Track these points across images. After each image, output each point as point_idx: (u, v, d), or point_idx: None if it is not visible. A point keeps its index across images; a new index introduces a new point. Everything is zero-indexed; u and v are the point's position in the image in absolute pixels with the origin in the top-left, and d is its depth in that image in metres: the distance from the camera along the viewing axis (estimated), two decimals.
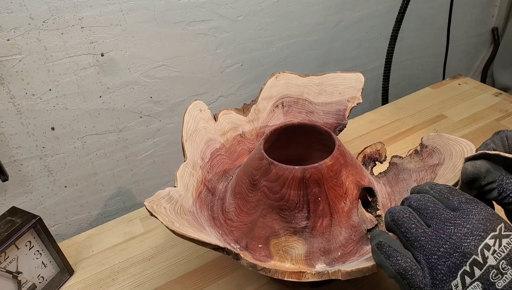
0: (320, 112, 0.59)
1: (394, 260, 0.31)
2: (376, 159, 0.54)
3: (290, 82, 0.61)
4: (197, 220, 0.46)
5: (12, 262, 0.47)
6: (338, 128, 0.56)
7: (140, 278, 0.52)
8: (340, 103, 0.57)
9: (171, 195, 0.46)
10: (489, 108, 0.77)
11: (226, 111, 0.58)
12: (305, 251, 0.43)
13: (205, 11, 0.74)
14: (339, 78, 0.59)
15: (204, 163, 0.53)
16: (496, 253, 0.29)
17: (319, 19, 0.88)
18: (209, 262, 0.53)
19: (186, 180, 0.49)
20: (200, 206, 0.49)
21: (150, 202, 0.42)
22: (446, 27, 0.99)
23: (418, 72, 1.16)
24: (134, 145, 0.79)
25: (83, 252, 0.57)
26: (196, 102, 0.56)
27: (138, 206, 0.83)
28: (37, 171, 0.71)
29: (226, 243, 0.45)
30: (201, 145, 0.54)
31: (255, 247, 0.44)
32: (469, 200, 0.32)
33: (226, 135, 0.57)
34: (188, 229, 0.40)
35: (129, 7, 0.67)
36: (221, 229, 0.47)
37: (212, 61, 0.80)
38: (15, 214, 0.49)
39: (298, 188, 0.42)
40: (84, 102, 0.70)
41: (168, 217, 0.41)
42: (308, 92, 0.60)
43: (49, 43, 0.63)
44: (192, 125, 0.54)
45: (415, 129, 0.74)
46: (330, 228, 0.43)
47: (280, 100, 0.61)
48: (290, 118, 0.60)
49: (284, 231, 0.43)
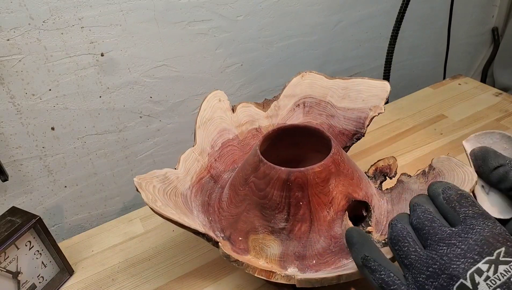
0: (341, 117, 0.57)
1: (377, 274, 0.31)
2: (386, 174, 0.52)
3: (315, 82, 0.60)
4: (187, 204, 0.47)
5: (12, 262, 0.47)
6: (356, 136, 0.54)
7: (140, 278, 0.52)
8: (362, 110, 0.55)
9: (167, 176, 0.47)
10: (489, 108, 0.77)
11: (246, 104, 0.58)
12: (280, 252, 0.43)
13: (205, 11, 0.74)
14: (365, 84, 0.57)
15: (213, 151, 0.53)
16: (490, 280, 0.26)
17: (319, 19, 0.88)
18: (209, 262, 0.53)
19: (189, 165, 0.50)
20: (196, 191, 0.49)
21: (140, 178, 0.43)
22: (446, 27, 0.99)
23: (418, 72, 1.16)
24: (134, 145, 0.79)
25: (83, 252, 0.57)
26: (216, 92, 0.57)
27: (138, 206, 0.83)
28: (37, 171, 0.71)
29: (212, 230, 0.46)
30: (214, 133, 0.54)
31: (236, 239, 0.45)
32: (476, 215, 0.30)
33: (242, 128, 0.57)
34: (170, 210, 0.42)
35: (129, 7, 0.67)
36: (211, 216, 0.48)
37: (212, 61, 0.80)
38: (15, 214, 0.49)
39: (281, 189, 0.42)
40: (84, 102, 0.70)
41: (152, 196, 0.42)
42: (331, 95, 0.58)
43: (49, 43, 0.63)
44: (208, 114, 0.55)
45: (415, 129, 0.74)
46: (308, 235, 0.42)
47: (302, 100, 0.60)
48: (310, 119, 0.59)
49: (263, 229, 0.44)
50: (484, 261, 0.27)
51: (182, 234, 0.58)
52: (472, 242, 0.28)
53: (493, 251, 0.27)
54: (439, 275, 0.28)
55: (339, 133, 0.56)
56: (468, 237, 0.29)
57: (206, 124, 0.54)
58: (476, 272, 0.27)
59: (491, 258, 0.27)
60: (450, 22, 0.97)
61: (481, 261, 0.27)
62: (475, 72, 1.30)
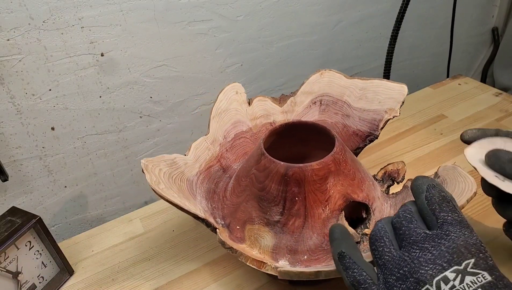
0: (356, 118, 0.56)
1: (350, 272, 0.31)
2: (394, 178, 0.52)
3: (333, 81, 0.60)
4: (192, 189, 0.48)
5: (12, 262, 0.47)
6: (369, 138, 0.54)
7: (140, 278, 0.52)
8: (378, 112, 0.54)
9: (175, 161, 0.48)
10: (489, 108, 0.77)
11: (262, 98, 0.59)
12: (273, 244, 0.44)
13: (205, 11, 0.74)
14: (383, 86, 0.56)
15: (225, 141, 0.54)
16: (456, 289, 0.26)
17: (319, 19, 0.88)
18: (209, 262, 0.53)
19: (199, 152, 0.51)
20: (203, 178, 0.50)
21: (147, 161, 0.45)
22: (446, 27, 0.99)
23: (418, 72, 1.16)
24: (134, 145, 0.79)
25: (83, 252, 0.57)
26: (234, 84, 0.58)
27: (138, 206, 0.83)
28: (37, 171, 0.71)
29: (213, 216, 0.47)
30: (228, 124, 0.55)
31: (234, 228, 0.46)
32: (454, 221, 0.30)
33: (256, 121, 0.57)
34: (172, 193, 0.43)
35: (129, 7, 0.67)
36: (215, 204, 0.49)
37: (212, 61, 0.80)
38: (15, 214, 0.49)
39: (279, 183, 0.43)
40: (84, 102, 0.70)
41: (157, 178, 0.43)
42: (349, 95, 0.58)
43: (49, 43, 0.63)
44: (224, 105, 0.55)
45: (415, 129, 0.74)
46: (301, 230, 0.43)
47: (319, 98, 0.59)
48: (325, 117, 0.59)
49: (259, 220, 0.45)
50: (451, 269, 0.27)
51: (182, 234, 0.58)
52: (443, 249, 0.28)
53: (462, 261, 0.27)
54: (408, 278, 0.28)
55: (353, 133, 0.56)
56: (441, 243, 0.29)
57: (221, 115, 0.55)
58: (443, 279, 0.27)
59: (458, 268, 0.27)
60: (453, 21, 0.97)
61: (449, 269, 0.27)
62: (475, 72, 1.30)
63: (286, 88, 0.92)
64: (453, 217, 0.30)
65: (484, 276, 0.26)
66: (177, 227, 0.59)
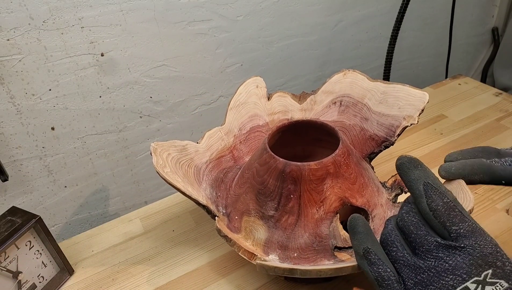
0: (374, 122, 0.55)
1: (375, 268, 0.32)
2: (402, 187, 0.51)
3: (356, 82, 0.58)
4: (198, 175, 0.49)
5: (12, 261, 0.47)
6: (384, 143, 0.53)
7: (140, 278, 0.52)
8: (396, 118, 0.53)
9: (186, 148, 0.49)
10: (489, 108, 0.77)
11: (282, 94, 0.59)
12: (266, 238, 0.44)
13: (205, 11, 0.74)
14: (405, 92, 0.54)
15: (239, 134, 0.55)
16: None
17: (319, 19, 0.88)
18: (209, 262, 0.53)
19: (212, 141, 0.52)
20: (213, 166, 0.51)
21: (157, 144, 0.45)
22: (446, 27, 0.99)
23: (418, 72, 1.16)
24: (134, 145, 0.79)
25: (83, 252, 0.57)
26: (256, 78, 0.58)
27: (138, 206, 0.83)
28: (37, 171, 0.71)
29: (216, 204, 0.48)
30: (245, 117, 0.56)
31: (233, 217, 0.47)
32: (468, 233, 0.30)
33: (273, 116, 0.58)
34: (176, 177, 0.43)
35: (129, 7, 0.67)
36: (221, 193, 0.50)
37: (212, 61, 0.80)
38: (15, 214, 0.49)
39: (276, 179, 0.44)
40: (84, 102, 0.70)
41: (163, 161, 0.44)
42: (370, 98, 0.56)
43: (49, 43, 0.63)
44: (243, 98, 0.56)
45: (415, 129, 0.74)
46: (294, 227, 0.43)
47: (340, 98, 0.59)
48: (344, 119, 0.58)
49: (255, 213, 0.45)
50: (472, 280, 0.28)
51: (182, 234, 0.58)
52: (460, 260, 0.29)
53: (481, 272, 0.28)
54: (427, 285, 0.29)
55: (369, 138, 0.55)
56: (456, 253, 0.29)
57: (239, 107, 0.55)
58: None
59: (478, 279, 0.28)
60: (452, 21, 0.97)
61: (469, 280, 0.28)
62: (475, 72, 1.30)
63: (286, 88, 0.92)
64: (465, 229, 0.31)
65: (502, 284, 0.28)
66: (177, 227, 0.59)
